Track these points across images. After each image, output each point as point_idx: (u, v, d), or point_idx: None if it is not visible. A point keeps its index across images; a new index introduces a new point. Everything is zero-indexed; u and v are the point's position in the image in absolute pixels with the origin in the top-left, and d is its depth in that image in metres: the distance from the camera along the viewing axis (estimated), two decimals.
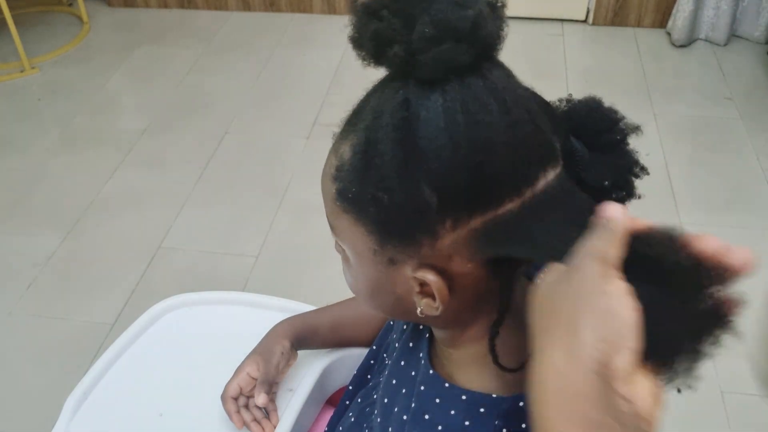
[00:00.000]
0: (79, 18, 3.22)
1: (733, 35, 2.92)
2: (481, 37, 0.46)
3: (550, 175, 0.49)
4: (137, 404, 0.94)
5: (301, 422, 0.91)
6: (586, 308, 0.39)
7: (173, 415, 0.92)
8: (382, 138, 0.47)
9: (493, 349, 0.53)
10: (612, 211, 0.42)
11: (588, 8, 3.05)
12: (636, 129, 0.54)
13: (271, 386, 0.89)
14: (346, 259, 0.57)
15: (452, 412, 0.56)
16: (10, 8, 2.77)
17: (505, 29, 0.48)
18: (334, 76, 2.79)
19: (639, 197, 0.53)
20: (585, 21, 3.09)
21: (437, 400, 0.58)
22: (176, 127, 2.57)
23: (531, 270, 0.57)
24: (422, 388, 0.61)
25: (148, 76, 2.87)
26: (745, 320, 0.41)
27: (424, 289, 0.52)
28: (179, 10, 3.32)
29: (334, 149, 0.52)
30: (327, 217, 0.55)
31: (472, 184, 0.46)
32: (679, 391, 0.39)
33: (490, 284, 0.51)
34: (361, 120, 0.50)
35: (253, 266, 1.99)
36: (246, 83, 2.78)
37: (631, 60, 2.85)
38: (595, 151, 0.53)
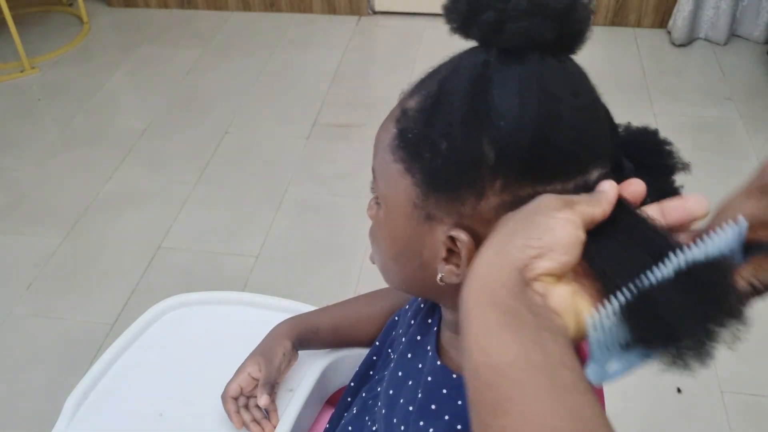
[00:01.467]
0: (79, 18, 3.22)
1: (732, 35, 2.92)
2: (572, 22, 0.49)
3: (599, 172, 0.50)
4: (137, 404, 0.94)
5: (301, 423, 0.91)
6: (529, 222, 0.43)
7: (173, 415, 0.92)
8: (455, 88, 0.49)
9: None
10: (606, 184, 0.46)
11: None
12: (685, 167, 0.54)
13: (273, 387, 0.89)
14: (378, 217, 0.58)
15: (459, 403, 0.57)
16: (10, 8, 2.77)
17: (591, 24, 0.50)
18: (334, 76, 2.79)
19: None
20: None
21: (444, 391, 0.59)
22: (176, 126, 2.57)
23: None
24: (429, 379, 0.61)
25: (148, 76, 2.87)
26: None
27: (450, 258, 0.53)
28: (179, 10, 3.32)
29: (401, 103, 0.54)
30: (373, 169, 0.56)
31: (530, 149, 0.47)
32: (679, 391, 0.39)
33: None
34: (437, 75, 0.52)
35: (253, 266, 1.99)
36: (246, 83, 2.78)
37: (631, 60, 2.85)
38: (642, 172, 0.53)
